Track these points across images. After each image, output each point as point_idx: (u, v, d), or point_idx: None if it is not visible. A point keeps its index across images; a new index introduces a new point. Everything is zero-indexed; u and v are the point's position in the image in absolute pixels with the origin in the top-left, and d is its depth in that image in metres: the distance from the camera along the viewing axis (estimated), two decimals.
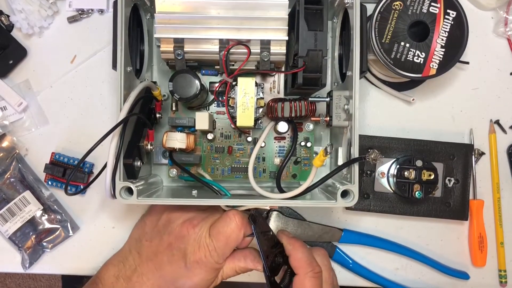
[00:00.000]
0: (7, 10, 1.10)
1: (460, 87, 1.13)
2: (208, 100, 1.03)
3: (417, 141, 1.08)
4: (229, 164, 1.05)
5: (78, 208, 1.11)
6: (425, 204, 1.08)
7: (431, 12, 1.00)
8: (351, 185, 0.88)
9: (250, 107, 0.93)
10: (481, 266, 1.12)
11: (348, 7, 0.92)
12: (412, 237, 1.12)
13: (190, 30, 0.90)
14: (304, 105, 0.95)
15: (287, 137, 1.05)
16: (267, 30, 0.90)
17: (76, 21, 1.11)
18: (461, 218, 1.09)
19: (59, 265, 1.11)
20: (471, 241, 1.11)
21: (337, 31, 1.03)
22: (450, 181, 1.08)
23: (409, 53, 1.00)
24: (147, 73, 1.04)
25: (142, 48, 1.02)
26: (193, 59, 0.94)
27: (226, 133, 1.04)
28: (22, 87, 1.10)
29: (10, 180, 1.08)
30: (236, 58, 0.93)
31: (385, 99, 1.12)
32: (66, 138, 1.10)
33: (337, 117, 0.93)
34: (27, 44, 1.11)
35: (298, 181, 1.06)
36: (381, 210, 1.09)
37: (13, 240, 1.09)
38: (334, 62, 1.04)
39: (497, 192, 1.11)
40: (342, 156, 0.98)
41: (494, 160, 1.11)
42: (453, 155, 1.08)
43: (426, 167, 1.04)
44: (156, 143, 1.03)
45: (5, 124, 1.09)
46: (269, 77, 1.04)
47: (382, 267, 1.12)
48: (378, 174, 1.09)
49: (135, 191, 0.87)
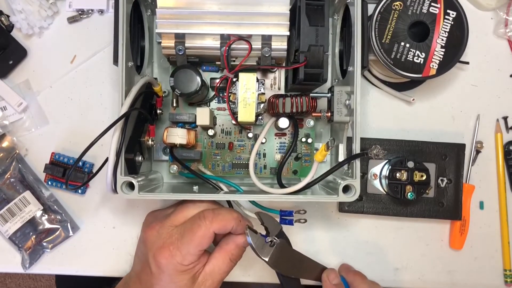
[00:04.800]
0: (7, 10, 1.10)
1: (460, 87, 1.13)
2: (208, 96, 1.03)
3: (409, 142, 1.08)
4: (229, 160, 1.05)
5: (78, 208, 1.11)
6: (419, 205, 1.08)
7: (431, 12, 1.01)
8: (352, 180, 0.89)
9: (251, 102, 0.93)
10: (457, 249, 1.12)
11: (349, 3, 0.92)
12: (412, 237, 1.12)
13: (191, 25, 0.90)
14: (305, 100, 0.95)
15: (287, 133, 1.05)
16: (269, 25, 0.90)
17: (76, 21, 1.11)
18: (455, 218, 1.09)
19: (59, 265, 1.11)
20: (453, 222, 1.11)
21: (338, 27, 1.04)
22: (443, 181, 1.08)
23: (409, 53, 1.00)
24: (148, 70, 1.04)
25: (142, 44, 1.03)
26: (194, 55, 0.94)
27: (227, 129, 1.04)
28: (22, 87, 1.10)
29: (10, 180, 1.08)
30: (237, 53, 0.93)
31: (385, 99, 1.12)
32: (66, 138, 1.10)
33: (339, 112, 0.93)
34: (27, 44, 1.11)
35: (299, 177, 1.06)
36: (375, 211, 1.09)
37: (13, 240, 1.08)
38: (335, 59, 1.04)
39: (504, 191, 1.12)
40: (342, 152, 0.98)
41: (500, 162, 1.12)
42: (445, 155, 1.08)
43: (418, 168, 1.03)
44: (157, 139, 1.03)
45: (5, 124, 1.09)
46: (270, 73, 1.05)
47: (382, 268, 1.11)
48: (370, 176, 1.08)
49: (136, 186, 0.86)
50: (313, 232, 1.11)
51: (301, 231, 1.10)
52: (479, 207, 1.12)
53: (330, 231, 1.11)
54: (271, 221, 0.92)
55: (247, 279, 1.10)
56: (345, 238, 1.11)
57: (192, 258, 0.86)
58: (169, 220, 0.91)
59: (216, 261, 0.90)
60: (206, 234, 0.86)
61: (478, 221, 1.12)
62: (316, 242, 1.11)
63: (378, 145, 0.89)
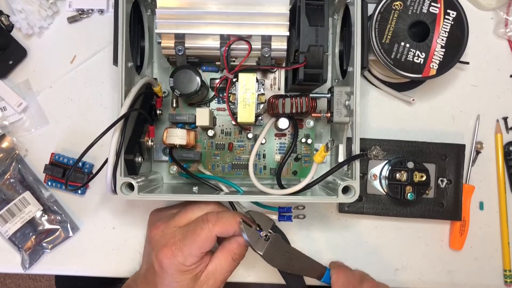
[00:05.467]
0: (7, 10, 1.10)
1: (460, 88, 1.13)
2: (208, 97, 1.03)
3: (409, 142, 1.08)
4: (229, 161, 1.05)
5: (78, 208, 1.11)
6: (419, 205, 1.08)
7: (431, 12, 1.00)
8: (352, 181, 0.89)
9: (251, 103, 0.93)
10: (457, 249, 1.12)
11: (349, 3, 0.92)
12: (412, 237, 1.12)
13: (191, 26, 0.90)
14: (305, 101, 0.95)
15: (287, 134, 1.05)
16: (268, 25, 0.90)
17: (76, 21, 1.11)
18: (455, 219, 1.09)
19: (59, 265, 1.11)
20: (453, 223, 1.11)
21: (338, 28, 1.03)
22: (443, 182, 1.08)
23: (409, 53, 1.00)
24: (148, 70, 1.04)
25: (142, 44, 1.03)
26: (194, 55, 0.94)
27: (227, 130, 1.04)
28: (22, 87, 1.10)
29: (10, 181, 1.08)
30: (237, 54, 0.93)
31: (385, 99, 1.12)
32: (66, 139, 1.10)
33: (338, 113, 0.93)
34: (27, 44, 1.11)
35: (299, 178, 1.06)
36: (375, 212, 1.09)
37: (13, 240, 1.08)
38: (335, 59, 1.04)
39: (504, 192, 1.11)
40: (342, 153, 0.98)
41: (500, 162, 1.12)
42: (445, 155, 1.08)
43: (418, 168, 1.03)
44: (156, 140, 1.02)
45: (5, 124, 1.09)
46: (270, 74, 1.04)
47: (382, 268, 1.11)
48: (370, 176, 1.08)
49: (136, 186, 0.86)
50: (313, 232, 1.11)
51: (301, 231, 1.11)
52: (479, 208, 1.12)
53: (330, 232, 1.11)
54: (262, 217, 0.91)
55: (248, 279, 1.10)
56: (345, 239, 1.11)
57: (193, 259, 0.86)
58: (173, 221, 0.91)
59: (218, 260, 0.90)
60: (209, 237, 0.86)
61: (478, 221, 1.12)
62: (316, 242, 1.11)
63: (377, 145, 0.89)
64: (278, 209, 0.97)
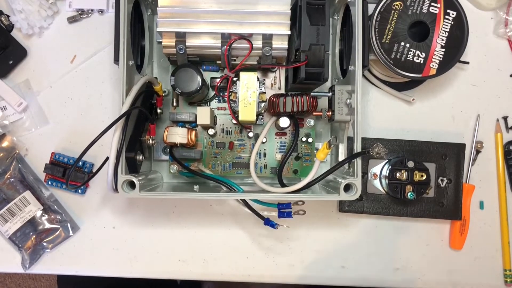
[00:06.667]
0: (7, 10, 1.10)
1: (460, 87, 1.13)
2: (209, 96, 1.04)
3: (409, 142, 1.08)
4: (230, 160, 1.05)
5: (78, 208, 1.11)
6: (419, 205, 1.08)
7: (431, 12, 1.01)
8: (354, 178, 0.89)
9: (252, 102, 0.93)
10: (457, 249, 1.12)
11: (350, 3, 0.93)
12: (412, 237, 1.12)
13: (192, 24, 0.90)
14: (306, 100, 0.95)
15: (288, 132, 1.05)
16: (269, 24, 0.90)
17: (76, 21, 1.11)
18: (455, 218, 1.09)
19: (59, 265, 1.10)
20: (453, 222, 1.11)
21: (338, 27, 1.04)
22: (443, 181, 1.08)
23: (409, 53, 1.01)
24: (148, 69, 1.04)
25: (143, 43, 1.03)
26: (194, 54, 0.95)
27: (227, 129, 1.04)
28: (22, 87, 1.10)
29: (10, 180, 1.08)
30: (237, 53, 0.93)
31: (385, 99, 1.12)
32: (66, 138, 1.10)
33: (339, 111, 0.93)
34: (27, 44, 1.11)
35: (299, 177, 1.06)
36: (375, 211, 1.09)
37: (13, 240, 1.08)
38: (335, 59, 1.05)
39: (504, 191, 1.11)
40: (343, 152, 0.98)
41: (500, 161, 1.12)
42: (445, 155, 1.08)
43: (418, 168, 1.03)
44: (157, 139, 1.02)
45: (5, 124, 1.09)
46: (270, 73, 1.05)
47: (382, 268, 1.11)
48: (370, 176, 1.08)
49: (137, 184, 0.86)
50: (313, 231, 1.11)
51: (301, 231, 1.10)
52: (479, 207, 1.12)
53: (330, 231, 1.11)
54: None
55: (247, 279, 1.10)
56: (345, 238, 1.11)
57: None
58: None
59: None
60: None
61: (478, 221, 1.12)
62: (316, 242, 1.11)
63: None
64: (277, 205, 0.96)
